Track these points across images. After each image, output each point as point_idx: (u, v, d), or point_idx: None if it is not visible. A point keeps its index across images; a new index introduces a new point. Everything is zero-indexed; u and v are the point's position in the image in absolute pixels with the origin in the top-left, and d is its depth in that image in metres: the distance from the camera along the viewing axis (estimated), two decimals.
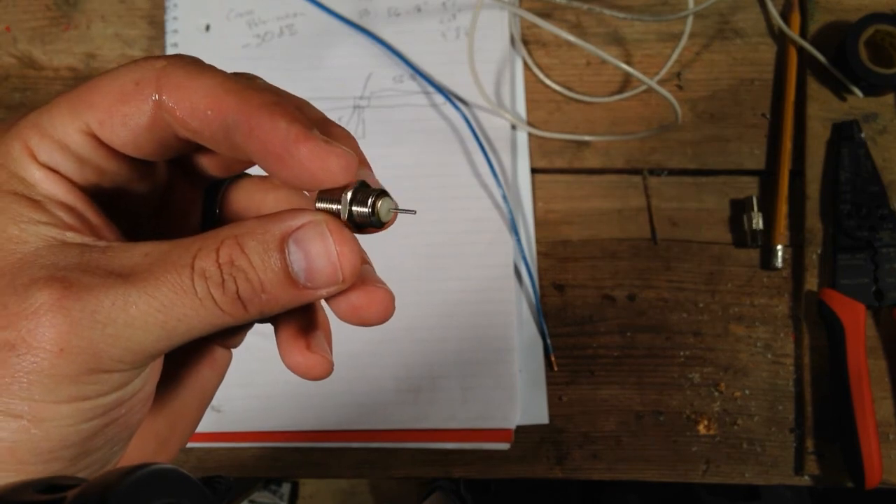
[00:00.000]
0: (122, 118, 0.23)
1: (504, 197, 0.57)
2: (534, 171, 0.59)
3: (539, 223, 0.58)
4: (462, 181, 0.58)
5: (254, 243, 0.22)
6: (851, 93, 0.56)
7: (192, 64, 0.23)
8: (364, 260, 0.27)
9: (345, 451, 0.57)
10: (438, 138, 0.59)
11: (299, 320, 0.27)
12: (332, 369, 0.27)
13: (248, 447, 0.57)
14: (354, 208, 0.23)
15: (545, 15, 0.59)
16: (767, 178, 0.57)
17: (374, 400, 0.56)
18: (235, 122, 0.22)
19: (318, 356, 0.26)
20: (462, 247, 0.58)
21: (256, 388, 0.57)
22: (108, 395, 0.22)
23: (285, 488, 1.33)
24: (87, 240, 0.23)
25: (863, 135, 0.55)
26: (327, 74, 0.60)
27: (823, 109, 0.57)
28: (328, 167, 0.22)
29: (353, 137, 0.25)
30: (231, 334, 0.30)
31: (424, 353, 0.56)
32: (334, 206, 0.23)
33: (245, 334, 0.31)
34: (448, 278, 0.57)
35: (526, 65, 0.60)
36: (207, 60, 0.24)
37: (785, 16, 0.59)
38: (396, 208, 0.24)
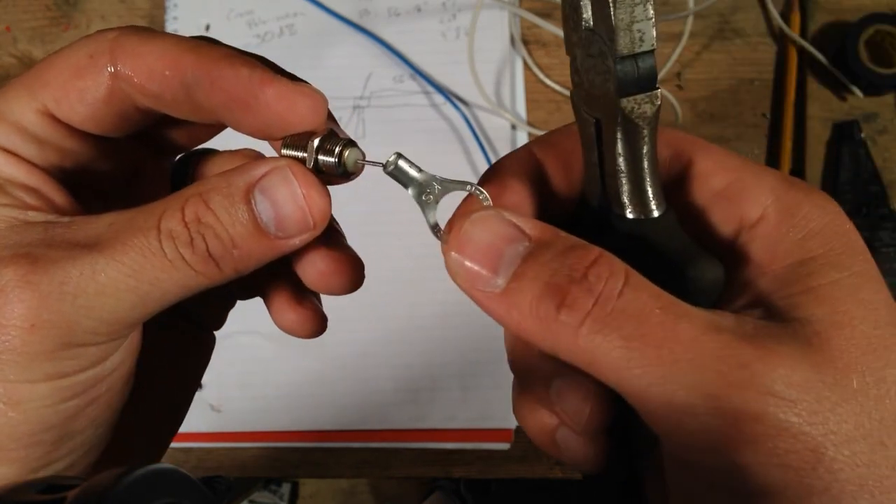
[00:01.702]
0: (79, 93, 0.22)
1: None
2: None
3: None
4: None
5: (219, 198, 0.21)
6: (851, 93, 0.56)
7: (144, 31, 0.23)
8: (335, 227, 0.26)
9: (345, 451, 0.57)
10: (438, 138, 0.59)
11: (288, 287, 0.27)
12: (326, 326, 0.26)
13: (248, 447, 0.57)
14: (321, 157, 0.22)
15: (545, 15, 0.59)
16: None
17: (374, 400, 0.56)
18: (196, 78, 0.22)
19: (311, 311, 0.26)
20: None
21: (256, 388, 0.57)
22: (85, 372, 0.21)
23: (285, 488, 1.33)
24: (51, 217, 0.22)
25: (863, 135, 0.55)
26: (327, 74, 0.60)
27: (823, 109, 0.57)
28: (296, 108, 0.21)
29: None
30: (211, 314, 0.30)
31: (424, 353, 0.56)
32: (299, 154, 0.23)
33: (227, 313, 0.30)
34: (447, 278, 0.57)
35: (526, 65, 0.60)
36: None
37: (785, 16, 0.59)
38: (364, 159, 0.23)
